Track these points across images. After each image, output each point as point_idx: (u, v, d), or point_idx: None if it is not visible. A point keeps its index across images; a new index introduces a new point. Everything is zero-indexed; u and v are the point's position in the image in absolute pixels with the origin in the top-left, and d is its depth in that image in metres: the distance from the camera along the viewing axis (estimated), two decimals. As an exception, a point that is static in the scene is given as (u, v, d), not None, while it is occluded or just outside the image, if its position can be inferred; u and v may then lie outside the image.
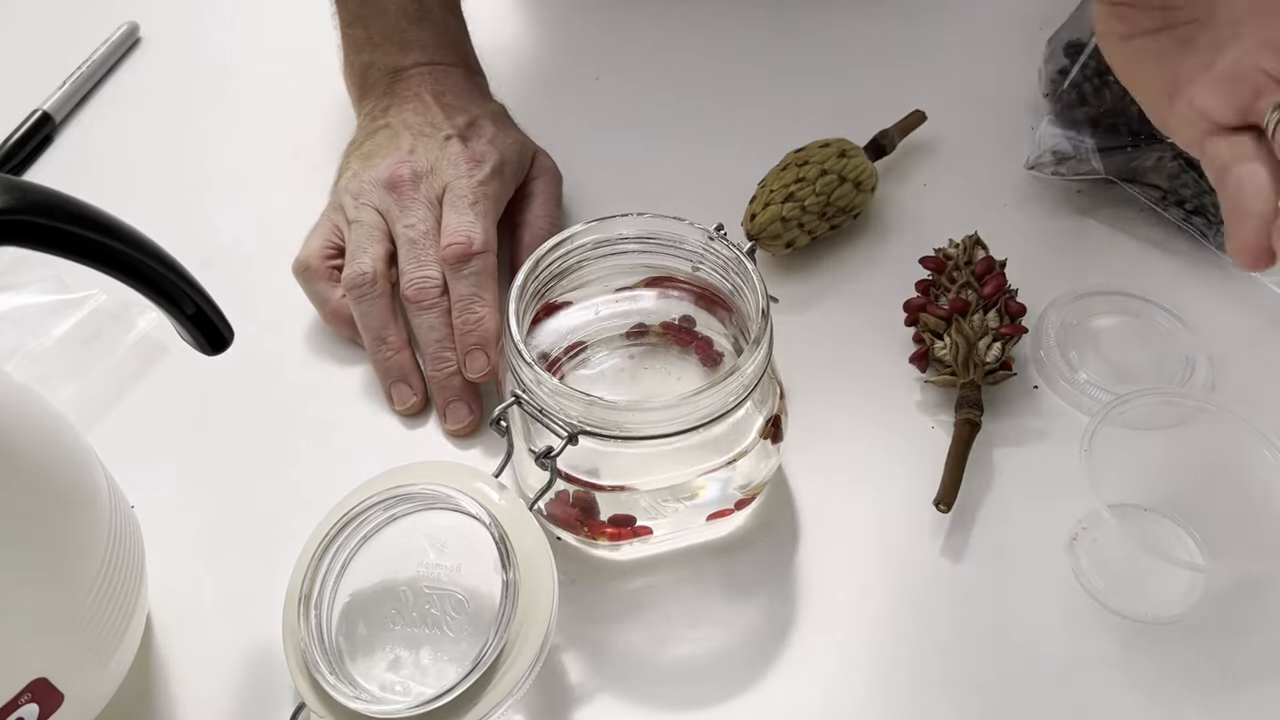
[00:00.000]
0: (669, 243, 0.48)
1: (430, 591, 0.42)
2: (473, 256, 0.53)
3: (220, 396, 0.55)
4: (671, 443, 0.43)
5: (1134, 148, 0.61)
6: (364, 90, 0.62)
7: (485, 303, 0.52)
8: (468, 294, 0.52)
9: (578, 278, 0.49)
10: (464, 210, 0.54)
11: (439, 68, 0.60)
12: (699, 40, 0.72)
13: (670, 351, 0.50)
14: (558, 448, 0.43)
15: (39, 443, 0.39)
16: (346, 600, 0.43)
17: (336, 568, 0.43)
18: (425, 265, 0.53)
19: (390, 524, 0.44)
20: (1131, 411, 0.47)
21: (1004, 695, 0.45)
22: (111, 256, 0.35)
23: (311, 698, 0.40)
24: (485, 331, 0.52)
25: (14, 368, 0.55)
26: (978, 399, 0.52)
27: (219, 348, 0.40)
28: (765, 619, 0.47)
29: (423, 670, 0.41)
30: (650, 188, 0.62)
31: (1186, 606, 0.47)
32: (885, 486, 0.51)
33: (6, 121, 0.67)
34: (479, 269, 0.53)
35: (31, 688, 0.37)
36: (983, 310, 0.54)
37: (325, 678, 0.40)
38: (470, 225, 0.53)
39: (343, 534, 0.43)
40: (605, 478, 0.45)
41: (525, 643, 0.40)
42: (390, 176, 0.56)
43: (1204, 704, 0.45)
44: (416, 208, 0.55)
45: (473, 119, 0.58)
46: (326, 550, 0.43)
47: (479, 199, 0.55)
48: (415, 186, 0.55)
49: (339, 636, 0.42)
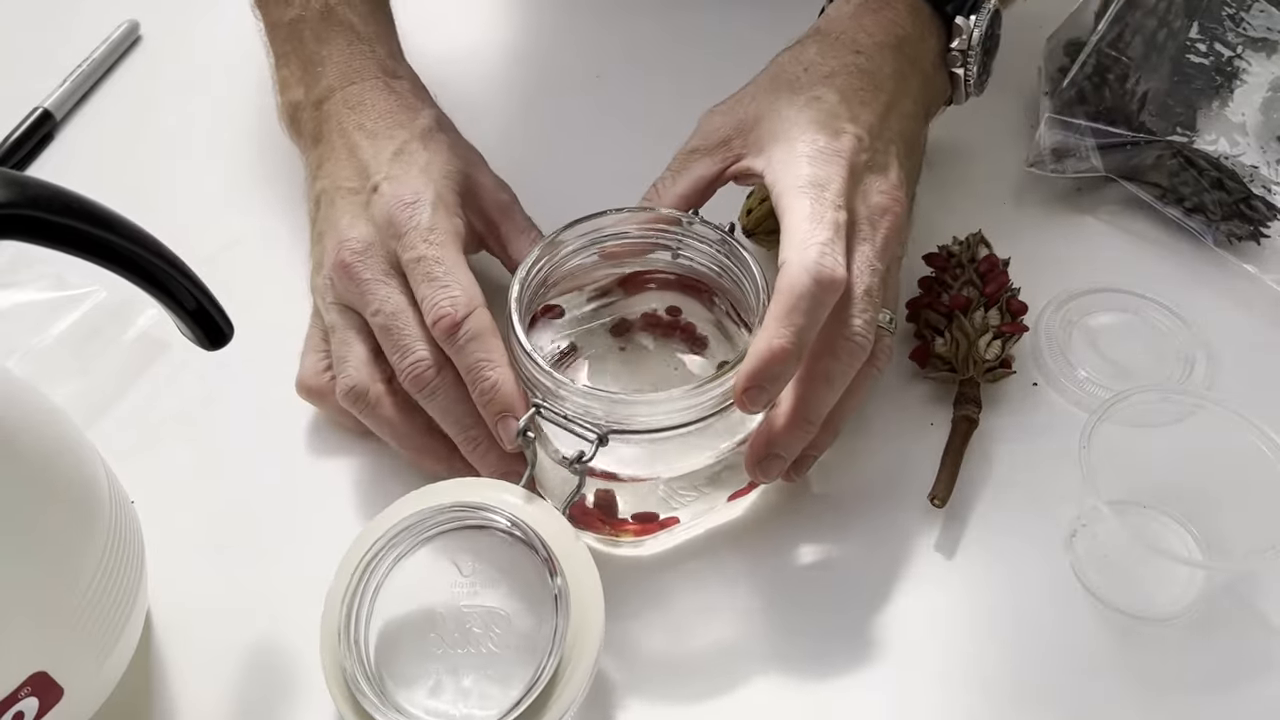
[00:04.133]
0: (646, 235, 0.49)
1: (469, 610, 0.41)
2: (461, 323, 0.47)
3: (221, 393, 0.55)
4: (689, 430, 0.44)
5: (1134, 145, 0.61)
6: (297, 134, 0.58)
7: (493, 364, 0.47)
8: (472, 363, 0.47)
9: (559, 284, 0.49)
10: (430, 274, 0.48)
11: (352, 88, 0.55)
12: (697, 38, 0.72)
13: (656, 342, 0.50)
14: (589, 451, 0.43)
15: (39, 439, 0.39)
16: (380, 628, 0.41)
17: (370, 594, 0.42)
18: (409, 350, 0.48)
19: (421, 546, 0.42)
20: (1130, 408, 0.47)
21: (1001, 691, 0.45)
22: (111, 251, 0.35)
23: None
24: (505, 397, 0.46)
25: (14, 364, 0.55)
26: (976, 396, 0.52)
27: (219, 343, 0.40)
28: (765, 616, 0.47)
29: (464, 694, 0.40)
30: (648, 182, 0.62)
31: (1185, 603, 0.47)
32: (883, 482, 0.51)
33: (7, 119, 0.67)
34: (473, 333, 0.47)
35: (31, 681, 0.37)
36: (984, 308, 0.54)
37: (379, 708, 0.38)
38: (443, 292, 0.48)
39: (376, 559, 0.42)
40: (625, 471, 0.45)
41: (581, 652, 0.39)
42: (336, 262, 0.51)
43: (1203, 700, 0.45)
44: (374, 289, 0.49)
45: (400, 146, 0.53)
46: (362, 577, 0.41)
47: (439, 249, 0.49)
48: (365, 264, 0.50)
49: (379, 666, 0.41)
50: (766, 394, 0.43)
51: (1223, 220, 0.59)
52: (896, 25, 0.53)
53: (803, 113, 0.49)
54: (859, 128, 0.49)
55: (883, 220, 0.48)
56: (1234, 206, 0.59)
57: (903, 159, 0.51)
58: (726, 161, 0.50)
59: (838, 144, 0.48)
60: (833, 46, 0.52)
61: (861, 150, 0.48)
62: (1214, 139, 0.61)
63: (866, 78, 0.51)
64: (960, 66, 0.55)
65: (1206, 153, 0.60)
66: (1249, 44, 0.63)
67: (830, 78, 0.51)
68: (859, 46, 0.52)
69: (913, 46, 0.53)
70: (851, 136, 0.48)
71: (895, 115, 0.51)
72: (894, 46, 0.53)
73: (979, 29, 0.54)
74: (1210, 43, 0.63)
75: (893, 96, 0.51)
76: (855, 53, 0.52)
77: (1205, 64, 0.63)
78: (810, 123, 0.49)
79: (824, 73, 0.51)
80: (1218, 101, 0.62)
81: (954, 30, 0.54)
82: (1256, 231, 0.59)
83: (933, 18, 0.54)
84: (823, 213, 0.45)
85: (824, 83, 0.50)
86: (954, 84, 0.56)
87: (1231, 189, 0.59)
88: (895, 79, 0.52)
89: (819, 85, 0.50)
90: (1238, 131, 0.61)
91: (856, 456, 0.52)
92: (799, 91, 0.50)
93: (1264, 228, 0.59)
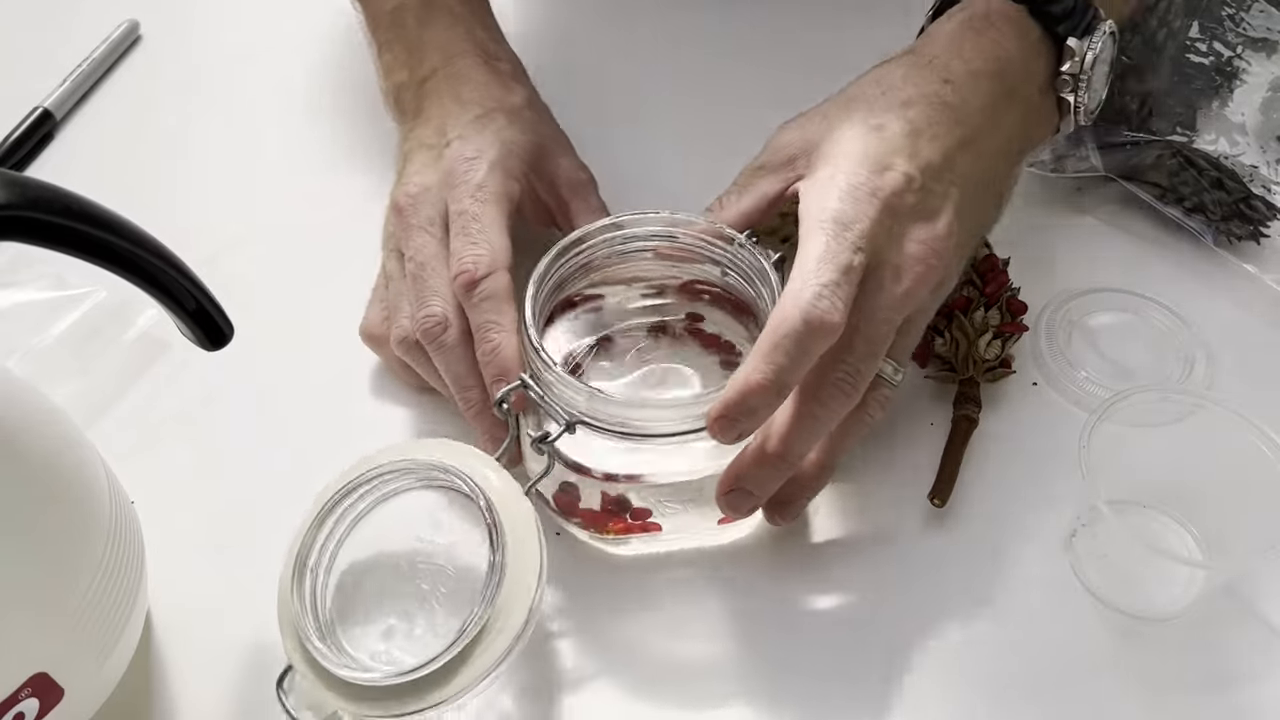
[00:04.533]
0: (695, 245, 0.48)
1: (424, 566, 0.44)
2: (479, 282, 0.49)
3: (221, 393, 0.55)
4: (673, 442, 0.44)
5: (1134, 145, 0.61)
6: (400, 114, 0.59)
7: (500, 328, 0.48)
8: (480, 322, 0.48)
9: (604, 274, 0.49)
10: (465, 229, 0.50)
11: (454, 65, 0.57)
12: (698, 38, 0.72)
13: (692, 353, 0.49)
14: (554, 433, 0.43)
15: (39, 439, 0.39)
16: (344, 569, 0.44)
17: (335, 537, 0.44)
18: (426, 302, 0.50)
19: (392, 498, 0.44)
20: (1130, 408, 0.47)
21: (1001, 691, 0.45)
22: (111, 251, 0.35)
23: (299, 661, 0.41)
24: (503, 360, 0.47)
25: (14, 365, 0.55)
26: (976, 395, 0.52)
27: (219, 343, 0.40)
28: (762, 614, 0.47)
29: (414, 641, 0.43)
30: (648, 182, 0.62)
31: (1185, 603, 0.47)
32: (883, 481, 0.51)
33: (7, 119, 0.67)
34: (488, 293, 0.48)
35: (31, 682, 0.37)
36: (984, 308, 0.54)
37: (313, 643, 0.41)
38: (471, 249, 0.49)
39: (343, 504, 0.44)
40: (598, 467, 0.45)
41: (507, 622, 0.41)
42: (391, 204, 0.54)
43: (1203, 700, 0.45)
44: (415, 235, 0.52)
45: (484, 113, 0.55)
46: (325, 519, 0.43)
47: (481, 206, 0.51)
48: (415, 210, 0.52)
49: (333, 605, 0.43)
50: (738, 426, 0.42)
51: (1223, 220, 0.59)
52: (999, 49, 0.49)
53: (859, 141, 0.46)
54: (913, 166, 0.46)
55: (911, 270, 0.45)
56: (1234, 206, 0.59)
57: (962, 205, 0.47)
58: (789, 181, 0.48)
59: (879, 181, 0.45)
60: (921, 71, 0.49)
61: (909, 191, 0.45)
62: (1214, 139, 0.61)
63: (948, 111, 0.48)
64: (1070, 92, 0.50)
65: (1206, 152, 0.60)
66: (1249, 44, 0.63)
67: (906, 106, 0.47)
68: (950, 75, 0.48)
69: (1016, 73, 0.49)
70: (900, 175, 0.45)
71: (969, 155, 0.48)
72: (992, 75, 0.49)
73: (1092, 52, 0.50)
74: (1210, 43, 0.63)
75: (973, 133, 0.48)
76: (944, 81, 0.48)
77: (1205, 64, 0.63)
78: (861, 154, 0.46)
79: (901, 99, 0.48)
80: (1218, 101, 0.62)
81: (1065, 53, 0.50)
82: (1256, 231, 0.59)
83: (1042, 39, 0.50)
84: (836, 254, 0.43)
85: (897, 111, 0.47)
86: (1062, 111, 0.52)
87: (1231, 189, 0.59)
88: (984, 114, 0.48)
89: (890, 112, 0.47)
90: (1237, 131, 0.61)
91: (856, 456, 0.52)
92: (868, 116, 0.47)
93: (1264, 227, 0.59)
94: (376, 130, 0.63)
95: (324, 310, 0.57)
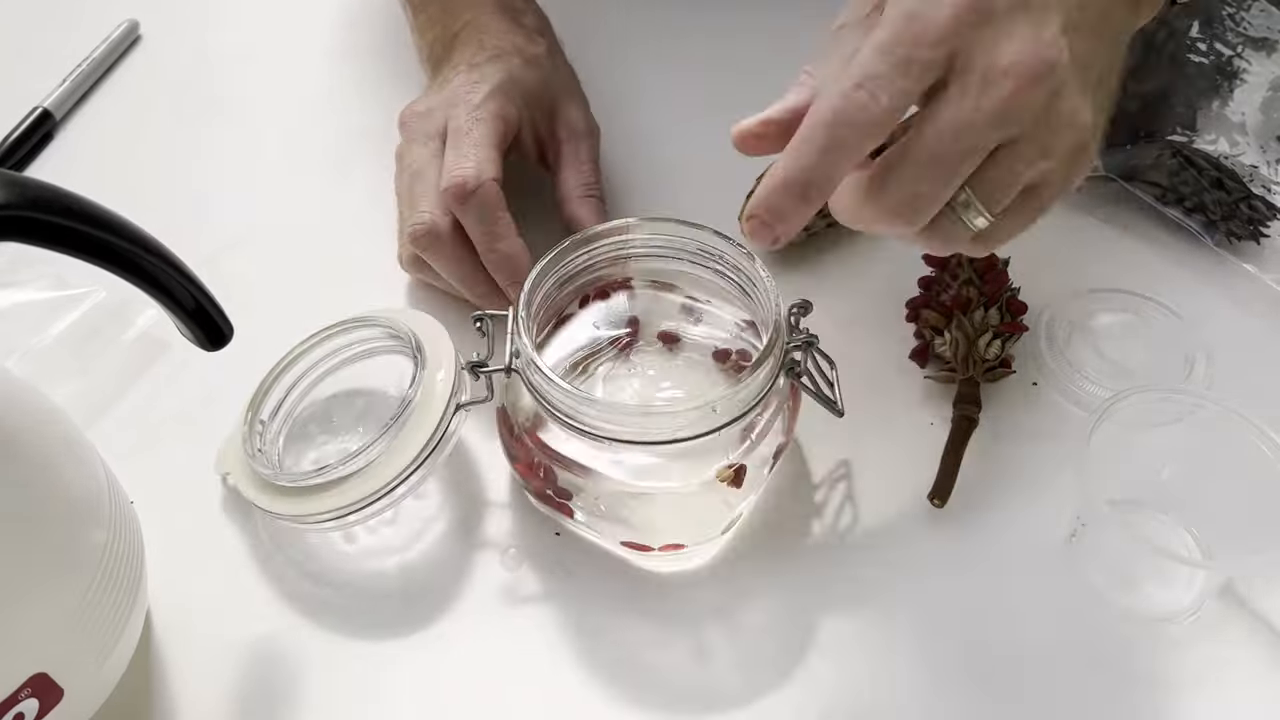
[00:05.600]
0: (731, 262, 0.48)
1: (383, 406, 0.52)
2: (470, 193, 0.51)
3: (221, 393, 0.55)
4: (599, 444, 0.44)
5: (1133, 145, 0.61)
6: (433, 66, 0.62)
7: (500, 235, 0.52)
8: (481, 231, 0.52)
9: (624, 269, 0.50)
10: (459, 143, 0.53)
11: (483, 18, 0.60)
12: (698, 36, 0.72)
13: (709, 366, 0.50)
14: (491, 367, 0.47)
15: (39, 439, 0.39)
16: (304, 407, 0.52)
17: (290, 381, 0.52)
18: (418, 209, 0.53)
19: (357, 360, 0.52)
20: (1130, 408, 0.47)
21: (1001, 691, 0.45)
22: (111, 252, 0.35)
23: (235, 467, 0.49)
24: (515, 266, 0.52)
25: (14, 364, 0.55)
26: (976, 395, 0.52)
27: (219, 343, 0.40)
28: (760, 613, 0.47)
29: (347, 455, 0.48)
30: (648, 180, 0.62)
31: (1185, 603, 0.47)
32: (883, 482, 0.51)
33: (7, 119, 0.67)
34: (480, 202, 0.52)
35: (31, 683, 0.37)
36: (984, 308, 0.54)
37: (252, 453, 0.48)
38: (462, 160, 0.52)
39: (305, 356, 0.52)
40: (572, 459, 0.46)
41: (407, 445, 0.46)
42: (399, 120, 0.57)
43: (1203, 700, 0.45)
44: (413, 147, 0.56)
45: (501, 53, 0.58)
46: (296, 362, 0.51)
47: (475, 124, 0.54)
48: (417, 125, 0.56)
49: (282, 434, 0.52)
50: (768, 229, 0.39)
51: (1223, 220, 0.59)
52: None
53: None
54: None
55: (1000, 82, 0.37)
56: (1234, 206, 0.59)
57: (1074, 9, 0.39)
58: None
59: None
60: None
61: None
62: (1214, 139, 0.61)
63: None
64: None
65: (1206, 152, 0.60)
66: (1249, 44, 0.63)
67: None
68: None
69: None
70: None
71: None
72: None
73: None
74: (1210, 42, 0.63)
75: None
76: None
77: (1205, 64, 0.63)
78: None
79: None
80: (1218, 101, 0.62)
81: None
82: (1256, 231, 0.59)
83: None
84: (893, 46, 0.37)
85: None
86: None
87: (1231, 189, 0.59)
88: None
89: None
90: (1237, 131, 0.61)
91: (856, 456, 0.52)
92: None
93: (1264, 227, 0.59)
94: (376, 129, 0.63)
95: (324, 310, 0.57)
